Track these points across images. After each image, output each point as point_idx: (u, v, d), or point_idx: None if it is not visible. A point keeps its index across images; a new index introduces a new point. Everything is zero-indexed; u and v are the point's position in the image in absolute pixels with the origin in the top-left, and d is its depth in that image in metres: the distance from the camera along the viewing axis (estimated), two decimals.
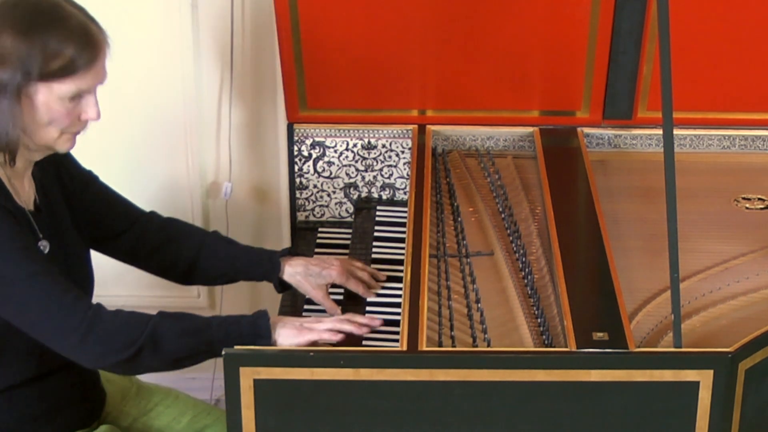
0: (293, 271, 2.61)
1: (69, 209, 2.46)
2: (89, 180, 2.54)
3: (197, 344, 2.26)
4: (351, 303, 2.63)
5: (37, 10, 2.20)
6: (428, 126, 3.02)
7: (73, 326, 2.19)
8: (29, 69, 2.17)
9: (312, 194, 3.08)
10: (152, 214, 2.64)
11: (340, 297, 2.65)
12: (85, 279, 2.47)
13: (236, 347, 2.23)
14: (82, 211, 2.50)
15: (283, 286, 2.64)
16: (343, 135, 3.04)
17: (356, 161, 3.05)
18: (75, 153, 2.46)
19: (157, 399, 2.64)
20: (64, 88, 2.21)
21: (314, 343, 2.33)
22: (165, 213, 3.45)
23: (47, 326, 2.21)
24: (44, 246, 2.34)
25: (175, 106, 3.34)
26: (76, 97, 2.24)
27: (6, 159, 2.25)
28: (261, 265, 2.61)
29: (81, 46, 2.20)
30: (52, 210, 2.40)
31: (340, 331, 2.37)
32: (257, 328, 2.30)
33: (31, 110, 2.21)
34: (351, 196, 3.09)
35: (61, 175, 2.46)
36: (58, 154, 2.37)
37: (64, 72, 2.20)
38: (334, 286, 2.63)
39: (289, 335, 2.31)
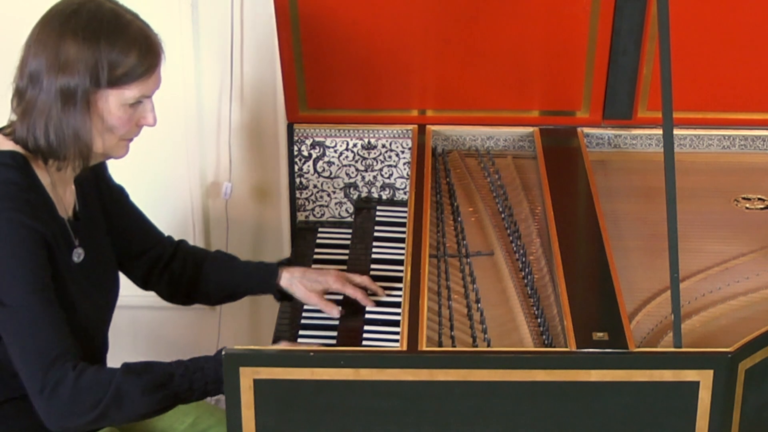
0: (290, 277, 2.61)
1: (105, 219, 2.48)
2: (121, 194, 2.57)
3: (162, 399, 2.25)
4: (350, 305, 2.63)
5: (98, 17, 2.23)
6: (428, 126, 3.02)
7: (39, 387, 2.18)
8: (98, 76, 2.21)
9: (312, 194, 3.08)
10: (169, 237, 2.66)
11: (339, 297, 2.65)
12: (111, 290, 2.47)
13: (236, 347, 2.23)
14: (116, 224, 2.51)
15: (282, 295, 2.64)
16: (343, 135, 3.04)
17: (356, 161, 3.05)
18: None
19: None
20: (128, 94, 2.25)
21: None
22: (165, 213, 3.46)
23: (22, 372, 2.22)
24: (79, 254, 2.35)
25: (175, 106, 3.34)
26: (136, 104, 2.28)
27: (76, 166, 2.28)
28: (259, 275, 2.62)
29: (144, 53, 2.25)
30: (90, 218, 2.41)
31: None
32: (221, 373, 2.27)
33: (94, 117, 2.24)
34: (351, 196, 3.09)
35: (99, 183, 2.47)
36: (97, 167, 2.41)
37: (129, 78, 2.24)
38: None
39: None
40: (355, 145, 3.04)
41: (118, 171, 2.99)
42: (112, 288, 2.48)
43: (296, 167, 3.06)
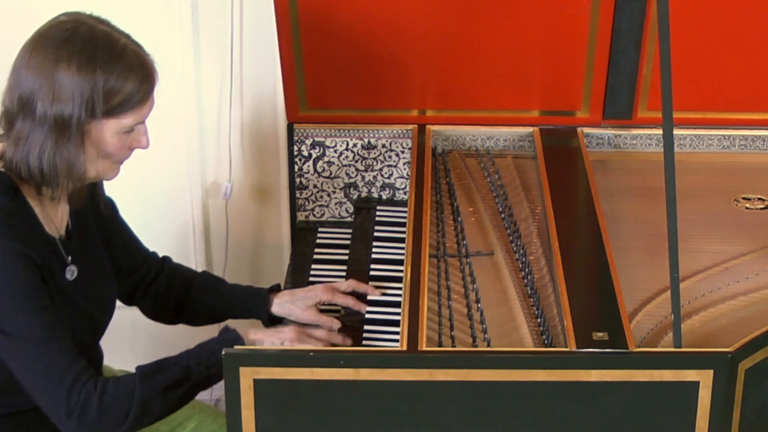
0: (280, 302, 2.59)
1: (102, 233, 2.45)
2: (113, 208, 2.54)
3: (183, 393, 2.26)
4: (349, 309, 2.63)
5: (93, 44, 2.18)
6: (428, 126, 3.02)
7: (65, 412, 2.18)
8: (93, 106, 2.16)
9: (312, 194, 3.08)
10: (154, 253, 2.64)
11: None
12: (108, 305, 2.45)
13: (236, 347, 2.23)
14: (109, 237, 2.49)
15: (271, 321, 2.62)
16: (343, 135, 3.04)
17: (356, 161, 3.05)
18: None
19: None
20: (124, 122, 2.21)
21: None
22: (165, 213, 3.47)
23: (42, 399, 2.21)
24: (72, 271, 2.33)
25: (175, 106, 3.35)
26: (130, 129, 2.24)
27: (68, 192, 2.26)
28: (249, 301, 2.60)
29: (140, 80, 2.21)
30: (84, 234, 2.39)
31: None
32: None
33: (88, 146, 2.21)
34: (351, 196, 3.09)
35: (94, 197, 2.45)
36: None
37: (125, 107, 2.20)
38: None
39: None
40: (355, 145, 3.04)
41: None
42: (109, 303, 2.46)
43: (296, 167, 3.06)
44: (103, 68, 2.17)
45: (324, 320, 2.55)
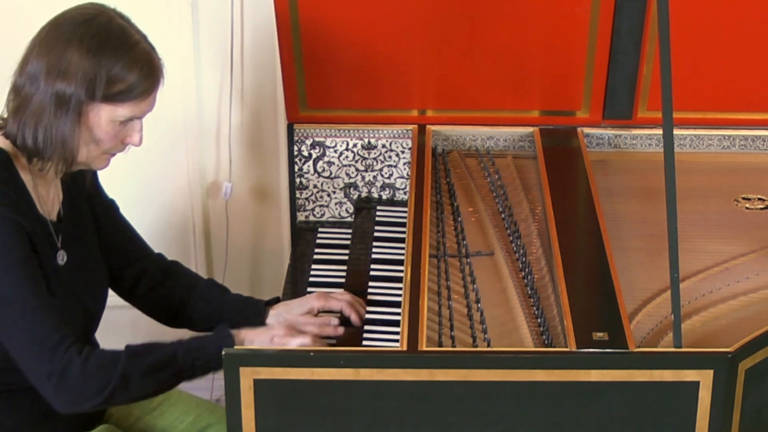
0: (275, 313, 2.58)
1: (96, 230, 2.48)
2: (112, 208, 2.57)
3: (165, 378, 2.29)
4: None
5: (107, 32, 2.25)
6: (428, 126, 3.02)
7: (46, 374, 2.21)
8: (94, 88, 2.22)
9: (312, 194, 3.08)
10: (159, 255, 2.65)
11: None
12: (99, 295, 2.47)
13: (236, 347, 2.23)
14: (105, 236, 2.52)
15: None
16: (343, 135, 3.04)
17: (356, 161, 3.05)
18: None
19: (161, 397, 2.63)
20: (120, 111, 2.26)
21: None
22: (165, 212, 3.46)
23: (25, 362, 2.25)
24: (62, 256, 2.35)
25: (175, 106, 3.35)
26: (126, 121, 2.28)
27: (58, 169, 2.29)
28: (245, 311, 2.59)
29: (144, 75, 2.26)
30: (76, 222, 2.42)
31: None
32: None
33: (83, 127, 2.25)
34: (351, 196, 3.09)
35: (90, 195, 2.48)
36: (87, 176, 2.43)
37: (124, 97, 2.25)
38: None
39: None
40: (355, 145, 3.04)
41: (118, 171, 2.98)
42: (100, 291, 2.48)
43: (296, 167, 3.06)
44: (112, 55, 2.23)
45: (321, 321, 2.55)
